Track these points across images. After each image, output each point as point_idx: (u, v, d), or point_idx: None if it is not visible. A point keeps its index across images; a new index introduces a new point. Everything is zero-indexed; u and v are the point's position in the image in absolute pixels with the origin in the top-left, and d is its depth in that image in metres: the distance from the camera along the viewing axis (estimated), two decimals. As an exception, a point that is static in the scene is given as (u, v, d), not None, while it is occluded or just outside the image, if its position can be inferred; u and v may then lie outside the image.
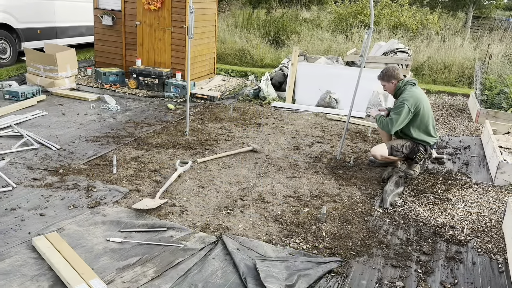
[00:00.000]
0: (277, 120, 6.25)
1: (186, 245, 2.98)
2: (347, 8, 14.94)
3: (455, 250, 3.14)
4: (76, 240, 2.95)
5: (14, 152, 4.36)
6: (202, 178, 4.12)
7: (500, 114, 6.42)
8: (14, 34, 8.35)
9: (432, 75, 10.05)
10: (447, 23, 17.13)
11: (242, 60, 11.03)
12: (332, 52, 10.86)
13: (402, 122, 4.17)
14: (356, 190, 4.07)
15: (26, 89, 6.29)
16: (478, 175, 4.58)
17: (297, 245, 3.09)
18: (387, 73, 4.33)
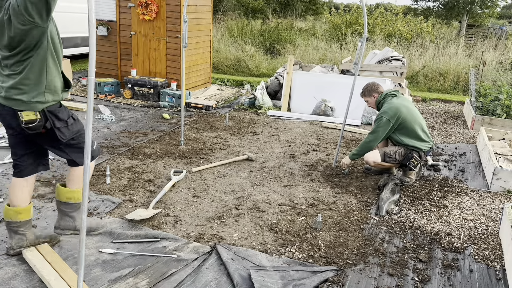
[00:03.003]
0: (272, 128, 6.24)
1: (179, 255, 2.93)
2: (342, 17, 15.06)
3: (452, 258, 3.11)
4: (68, 251, 2.91)
5: (7, 163, 4.32)
6: (196, 187, 4.08)
7: (495, 121, 6.43)
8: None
9: (427, 83, 10.09)
10: (441, 31, 17.28)
11: (238, 70, 11.06)
12: (327, 61, 10.90)
13: (383, 134, 4.27)
14: (352, 198, 4.04)
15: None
16: (474, 182, 4.56)
17: (293, 254, 3.05)
18: (367, 88, 4.50)
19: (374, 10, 15.99)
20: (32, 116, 2.54)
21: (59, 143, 2.70)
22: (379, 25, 14.08)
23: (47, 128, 2.60)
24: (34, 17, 2.36)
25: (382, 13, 15.21)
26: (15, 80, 2.51)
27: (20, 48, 2.46)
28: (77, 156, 2.78)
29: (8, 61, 2.52)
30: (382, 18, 14.70)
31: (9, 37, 2.43)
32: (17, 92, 2.52)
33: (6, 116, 2.60)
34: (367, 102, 4.57)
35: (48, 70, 2.56)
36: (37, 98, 2.54)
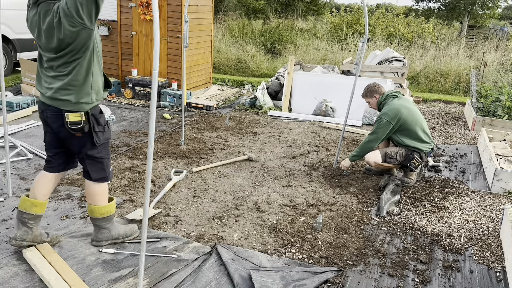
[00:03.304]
0: (273, 129, 6.23)
1: (179, 255, 2.93)
2: (343, 18, 15.05)
3: (453, 259, 3.10)
4: (68, 251, 2.91)
5: (7, 163, 4.32)
6: (197, 187, 4.08)
7: (496, 122, 6.42)
8: (10, 44, 8.35)
9: (428, 83, 10.08)
10: (442, 32, 17.27)
11: (239, 70, 11.06)
12: (328, 61, 10.90)
13: (383, 135, 4.27)
14: (353, 198, 4.04)
15: (21, 99, 6.27)
16: (475, 183, 4.56)
17: (293, 255, 3.05)
18: (369, 89, 4.50)
19: (375, 11, 15.98)
20: (77, 118, 2.61)
21: (85, 151, 2.76)
22: (380, 26, 14.07)
23: (84, 132, 2.67)
24: (84, 19, 2.42)
25: (383, 13, 15.21)
26: (63, 81, 2.57)
27: (67, 50, 2.51)
28: (93, 170, 2.82)
29: (54, 63, 2.58)
30: (383, 18, 14.69)
31: (58, 39, 2.48)
32: (65, 92, 2.58)
33: (49, 115, 2.67)
34: (369, 103, 4.57)
35: (94, 71, 2.63)
36: (84, 98, 2.62)
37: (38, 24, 2.54)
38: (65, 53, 2.53)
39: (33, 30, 2.60)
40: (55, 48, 2.53)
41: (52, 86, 2.60)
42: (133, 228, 3.13)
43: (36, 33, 2.58)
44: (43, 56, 2.65)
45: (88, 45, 2.54)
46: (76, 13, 2.39)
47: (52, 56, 2.57)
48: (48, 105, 2.65)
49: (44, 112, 2.70)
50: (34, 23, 2.57)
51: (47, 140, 2.85)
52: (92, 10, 2.42)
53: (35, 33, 2.59)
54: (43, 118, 2.75)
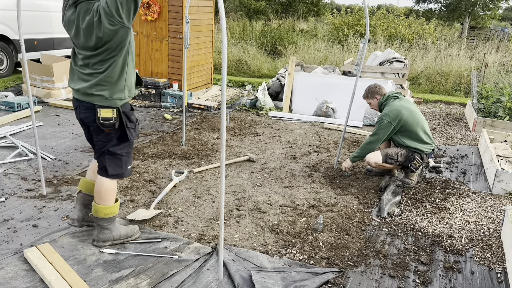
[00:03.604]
0: (274, 129, 6.23)
1: (180, 256, 2.93)
2: (344, 18, 15.06)
3: (454, 260, 3.10)
4: (69, 251, 2.91)
5: (8, 163, 4.33)
6: (197, 188, 4.08)
7: (497, 123, 6.42)
8: (11, 45, 8.36)
9: (428, 84, 10.08)
10: (443, 33, 17.27)
11: (240, 70, 11.07)
12: (329, 62, 10.90)
13: (384, 136, 4.27)
14: (353, 199, 4.04)
15: (22, 99, 6.27)
16: (476, 184, 4.55)
17: (294, 256, 3.05)
18: (370, 90, 4.50)
19: (376, 12, 15.98)
20: (109, 114, 2.70)
21: (108, 146, 2.82)
22: (381, 27, 14.08)
23: (114, 128, 2.75)
24: (123, 17, 2.51)
25: (384, 14, 15.21)
26: (98, 78, 2.65)
27: (104, 48, 2.59)
28: (111, 166, 2.87)
29: (90, 61, 2.66)
30: (384, 19, 14.70)
31: (97, 37, 2.55)
32: (99, 88, 2.67)
33: (82, 111, 2.76)
34: (370, 104, 4.57)
35: (128, 68, 2.72)
36: (117, 94, 2.71)
37: (77, 23, 2.62)
38: (102, 51, 2.61)
39: (70, 29, 2.68)
40: (92, 46, 2.60)
41: (87, 82, 2.69)
42: (134, 229, 3.13)
43: (74, 32, 2.65)
44: (78, 54, 2.73)
45: (125, 43, 2.63)
46: (116, 12, 2.47)
47: (88, 54, 2.65)
48: (81, 101, 2.74)
49: (77, 108, 2.81)
50: (71, 22, 2.65)
51: (86, 134, 2.99)
52: (131, 9, 2.52)
53: (72, 32, 2.66)
54: (76, 114, 2.86)
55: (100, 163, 2.89)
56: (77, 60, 2.77)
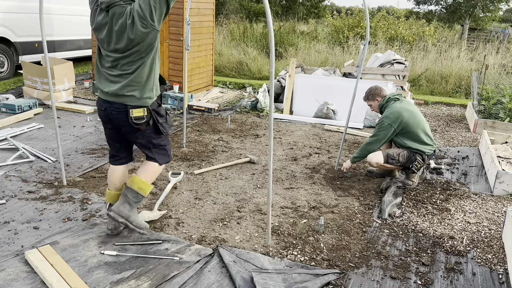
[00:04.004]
0: (274, 131, 6.24)
1: (181, 257, 2.93)
2: (344, 20, 15.08)
3: (455, 261, 3.09)
4: (70, 253, 2.91)
5: (9, 165, 4.33)
6: (198, 189, 4.08)
7: (497, 124, 6.42)
8: (12, 47, 8.38)
9: (429, 86, 10.09)
10: (443, 35, 17.28)
11: (240, 72, 11.08)
12: (329, 64, 10.91)
13: (385, 138, 4.27)
14: (354, 200, 4.03)
15: (23, 102, 6.28)
16: (477, 185, 4.55)
17: (295, 257, 3.04)
18: (370, 92, 4.51)
19: (376, 14, 16.01)
20: (140, 113, 2.83)
21: (152, 141, 2.98)
22: (381, 28, 14.09)
23: (148, 124, 2.88)
24: (155, 21, 2.63)
25: (384, 16, 15.23)
26: (128, 78, 2.76)
27: (134, 50, 2.71)
28: (160, 157, 3.06)
29: (119, 62, 2.77)
30: (384, 21, 14.72)
31: (128, 39, 2.67)
32: (130, 89, 2.78)
33: (114, 112, 2.85)
34: (370, 106, 4.57)
35: (155, 69, 2.86)
36: (147, 94, 2.83)
37: (109, 26, 2.72)
38: (131, 53, 2.72)
39: (101, 32, 2.76)
40: (123, 48, 2.71)
41: (117, 84, 2.78)
42: (146, 224, 3.21)
43: (105, 34, 2.75)
44: (106, 56, 2.82)
45: (154, 45, 2.75)
46: (149, 15, 2.60)
47: (118, 56, 2.75)
48: (112, 102, 2.83)
49: (107, 110, 2.87)
50: (103, 25, 2.75)
51: (108, 136, 3.08)
52: (163, 13, 2.64)
53: (103, 34, 2.76)
54: (105, 116, 2.92)
55: (147, 157, 3.06)
56: (104, 62, 2.86)
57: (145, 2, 2.60)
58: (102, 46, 2.83)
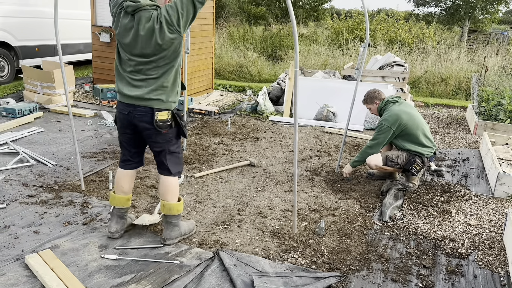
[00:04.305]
0: (275, 134, 6.24)
1: (182, 261, 2.92)
2: (343, 23, 15.10)
3: (456, 263, 3.09)
4: (70, 257, 2.90)
5: (10, 169, 4.33)
6: (199, 193, 4.08)
7: (498, 126, 6.41)
8: (12, 51, 8.39)
9: (429, 88, 10.09)
10: (443, 37, 17.30)
11: (240, 75, 11.09)
12: (329, 66, 10.92)
13: (384, 141, 4.27)
14: (355, 203, 4.03)
15: (23, 106, 6.29)
16: (478, 187, 4.54)
17: (295, 260, 3.04)
18: (369, 95, 4.51)
19: (376, 16, 16.03)
20: (165, 116, 2.89)
21: (168, 147, 3.01)
22: (380, 31, 14.11)
23: (171, 127, 2.94)
24: (181, 27, 2.72)
25: (384, 18, 15.25)
26: (156, 83, 2.82)
27: (160, 55, 2.76)
28: (172, 166, 3.07)
29: (144, 67, 2.81)
30: (384, 23, 14.73)
31: (156, 44, 2.72)
32: (157, 93, 2.84)
33: (137, 115, 2.88)
34: (370, 109, 4.58)
35: (179, 74, 2.94)
36: (172, 98, 2.91)
37: (135, 30, 2.75)
38: (156, 58, 2.77)
39: (126, 36, 2.79)
40: (150, 53, 2.76)
41: (142, 88, 2.82)
42: (192, 224, 3.31)
43: (131, 38, 2.78)
44: (129, 60, 2.84)
45: (179, 51, 2.83)
46: (176, 21, 2.69)
47: (142, 60, 2.80)
48: (136, 105, 2.86)
49: (130, 113, 2.89)
50: (128, 29, 2.78)
51: (125, 140, 3.11)
52: (189, 20, 2.74)
53: (128, 39, 2.79)
54: (127, 120, 2.94)
55: (161, 164, 3.08)
56: (125, 66, 2.88)
57: (173, 9, 2.69)
58: (125, 50, 2.85)
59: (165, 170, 3.08)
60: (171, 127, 2.94)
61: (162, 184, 3.11)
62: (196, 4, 2.72)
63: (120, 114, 2.98)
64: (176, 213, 3.12)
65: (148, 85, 2.82)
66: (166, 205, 3.09)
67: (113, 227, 3.15)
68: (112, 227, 3.16)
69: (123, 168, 3.19)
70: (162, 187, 3.11)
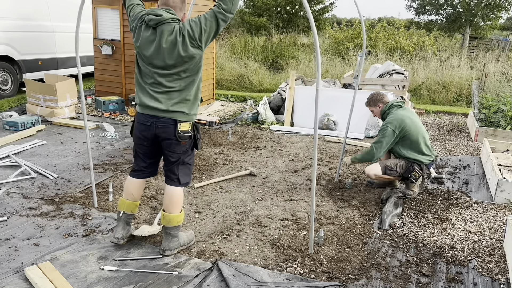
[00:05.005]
0: (275, 143, 6.25)
1: (180, 272, 2.93)
2: (344, 32, 15.19)
3: (456, 271, 3.07)
4: (70, 269, 2.91)
5: (11, 182, 4.36)
6: (198, 203, 4.09)
7: (498, 132, 6.40)
8: (16, 65, 8.50)
9: (430, 95, 10.10)
10: (444, 44, 17.34)
11: (241, 85, 11.15)
12: (330, 75, 10.97)
13: (387, 144, 4.23)
14: (355, 211, 4.03)
15: (26, 119, 6.35)
16: (478, 194, 4.53)
17: (294, 270, 3.03)
18: (372, 98, 4.49)
19: (376, 25, 16.10)
20: (186, 127, 2.97)
21: (183, 157, 3.06)
22: (381, 39, 14.17)
23: (190, 139, 3.01)
24: (202, 42, 2.82)
25: (384, 27, 15.33)
26: (179, 96, 2.90)
27: (181, 68, 2.84)
28: (183, 176, 3.12)
29: (165, 79, 2.88)
30: (384, 32, 14.81)
31: (178, 56, 2.80)
32: (181, 105, 2.91)
33: (160, 126, 2.93)
34: (372, 112, 4.55)
35: (201, 87, 3.02)
36: (193, 111, 3.00)
37: (158, 43, 2.81)
38: (178, 71, 2.85)
39: (148, 49, 2.85)
40: (171, 65, 2.83)
41: (166, 100, 2.89)
42: (191, 234, 3.34)
43: (153, 51, 2.84)
44: (151, 73, 2.90)
45: (201, 65, 2.92)
46: (198, 36, 2.78)
47: (164, 73, 2.86)
48: (159, 117, 2.92)
49: (153, 125, 2.94)
50: (150, 42, 2.84)
51: (142, 152, 3.14)
52: (210, 36, 2.84)
53: (150, 51, 2.85)
54: (149, 131, 2.97)
55: (171, 174, 3.11)
56: (146, 78, 2.94)
57: (197, 24, 2.78)
58: (146, 62, 2.91)
59: (174, 181, 3.11)
60: (190, 138, 3.01)
61: (168, 194, 3.12)
62: (220, 22, 2.81)
63: (141, 125, 3.01)
64: (176, 224, 3.13)
65: (171, 98, 2.89)
66: (166, 216, 3.11)
67: (119, 233, 3.18)
68: (118, 232, 3.19)
69: (134, 177, 3.21)
70: (168, 197, 3.12)
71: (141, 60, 2.95)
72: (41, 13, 8.87)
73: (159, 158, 3.22)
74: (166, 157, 3.09)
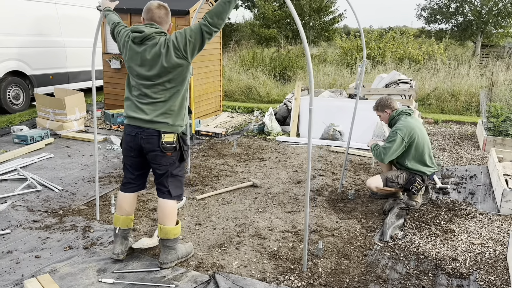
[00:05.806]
0: (280, 154, 6.26)
1: (177, 285, 2.94)
2: (353, 42, 15.19)
3: (456, 284, 3.02)
4: (68, 281, 2.94)
5: (17, 195, 4.44)
6: (199, 215, 4.11)
7: (507, 141, 6.31)
8: (27, 80, 8.69)
9: (439, 104, 10.01)
10: (455, 52, 17.20)
11: (249, 97, 11.20)
12: (337, 85, 10.96)
13: (395, 151, 4.16)
14: (356, 223, 3.99)
15: (35, 132, 6.47)
16: (484, 204, 4.46)
17: (292, 283, 3.02)
18: (380, 103, 4.41)
19: (385, 34, 16.08)
20: (171, 139, 2.99)
21: (171, 170, 3.08)
22: (390, 49, 14.13)
23: (174, 151, 3.02)
24: (188, 53, 2.87)
25: (393, 36, 15.30)
26: (163, 106, 2.94)
27: (165, 78, 2.90)
28: (173, 188, 3.13)
29: (149, 90, 2.95)
30: (393, 41, 14.77)
31: (162, 66, 2.87)
32: (164, 116, 2.95)
33: (144, 137, 2.98)
34: (380, 117, 4.48)
35: (186, 99, 3.06)
36: (178, 122, 3.02)
37: (143, 56, 2.91)
38: (162, 81, 2.91)
39: (135, 61, 2.96)
40: (155, 75, 2.89)
41: (149, 111, 2.94)
42: (190, 247, 3.35)
43: (139, 63, 2.94)
44: (138, 85, 2.99)
45: (185, 76, 2.97)
46: (183, 47, 2.84)
47: (148, 84, 2.94)
48: (143, 128, 2.97)
49: (137, 135, 3.00)
50: (135, 55, 2.94)
51: (129, 163, 3.19)
52: (196, 48, 2.88)
53: (136, 62, 2.95)
54: (134, 141, 3.03)
55: (162, 187, 3.13)
56: (133, 91, 3.02)
57: (182, 35, 2.85)
58: (134, 74, 3.00)
59: (165, 193, 3.12)
60: (176, 150, 3.02)
61: (161, 207, 3.15)
62: (205, 35, 2.86)
63: (127, 136, 3.08)
64: (173, 237, 3.15)
65: (156, 109, 2.93)
66: (163, 229, 3.13)
67: (117, 249, 3.21)
68: (116, 248, 3.21)
69: (124, 191, 3.25)
70: (161, 210, 3.15)
71: (130, 73, 3.04)
72: (52, 29, 9.08)
73: (147, 170, 3.25)
74: (154, 170, 3.12)
